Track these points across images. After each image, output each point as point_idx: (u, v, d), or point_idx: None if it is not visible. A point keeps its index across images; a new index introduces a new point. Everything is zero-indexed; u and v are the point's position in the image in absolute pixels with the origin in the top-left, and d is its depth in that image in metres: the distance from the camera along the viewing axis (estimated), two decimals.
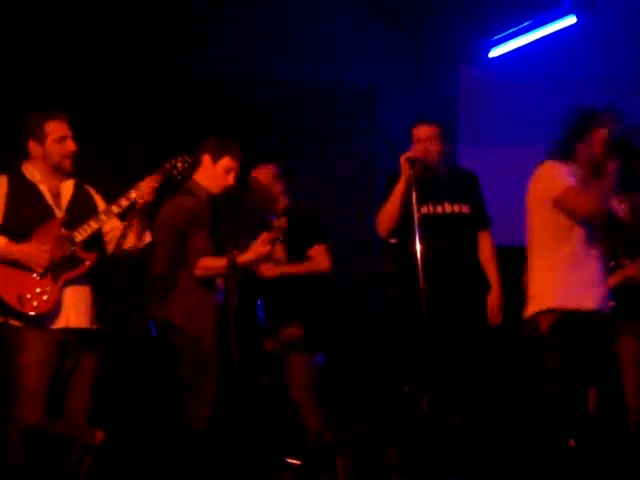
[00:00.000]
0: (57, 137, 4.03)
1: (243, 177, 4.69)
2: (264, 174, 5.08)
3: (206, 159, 4.57)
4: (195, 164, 4.55)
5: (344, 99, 6.64)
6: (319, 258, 4.88)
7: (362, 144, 6.59)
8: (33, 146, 4.06)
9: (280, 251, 4.89)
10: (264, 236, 4.33)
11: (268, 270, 4.85)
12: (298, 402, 4.82)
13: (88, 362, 4.08)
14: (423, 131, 4.63)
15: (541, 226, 3.73)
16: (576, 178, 3.65)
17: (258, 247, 4.34)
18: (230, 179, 4.55)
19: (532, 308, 3.70)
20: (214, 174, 4.55)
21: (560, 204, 3.64)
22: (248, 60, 6.25)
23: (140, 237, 4.15)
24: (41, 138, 4.03)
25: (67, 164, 4.08)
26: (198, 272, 4.42)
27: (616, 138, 3.65)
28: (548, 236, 3.70)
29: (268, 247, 4.33)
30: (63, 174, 4.11)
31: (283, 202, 5.05)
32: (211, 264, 4.41)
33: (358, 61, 6.41)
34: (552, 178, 3.69)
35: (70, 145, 4.07)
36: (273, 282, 4.90)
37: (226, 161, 4.55)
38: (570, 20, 5.99)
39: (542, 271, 3.71)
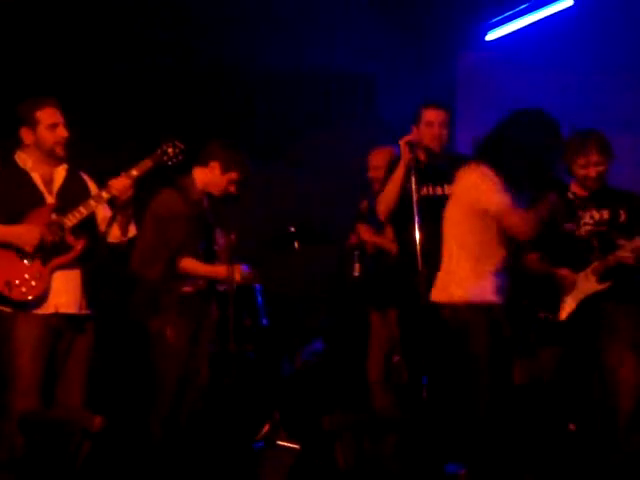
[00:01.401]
0: (49, 124, 4.04)
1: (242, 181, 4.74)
2: (382, 157, 5.10)
3: (215, 166, 4.60)
4: (199, 162, 4.62)
5: (342, 87, 6.63)
6: None
7: (360, 131, 6.58)
8: (26, 134, 4.06)
9: (390, 231, 4.99)
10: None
11: (367, 234, 5.07)
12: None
13: (80, 348, 4.08)
14: (435, 115, 4.61)
15: (470, 226, 3.89)
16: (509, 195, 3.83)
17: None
18: (232, 189, 4.62)
19: (456, 294, 3.90)
20: (219, 181, 4.61)
21: (499, 218, 3.81)
22: (247, 49, 6.24)
23: (125, 230, 4.16)
24: (33, 126, 4.04)
25: (59, 150, 4.09)
26: (180, 270, 4.48)
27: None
28: (473, 235, 3.89)
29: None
30: (56, 160, 4.11)
31: None
32: (194, 269, 4.49)
33: (355, 48, 6.39)
34: (490, 190, 3.82)
35: (62, 131, 4.07)
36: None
37: (234, 175, 4.61)
38: (567, 2, 5.96)
39: (466, 262, 3.89)
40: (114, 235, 4.16)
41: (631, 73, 6.03)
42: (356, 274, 5.10)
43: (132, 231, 4.21)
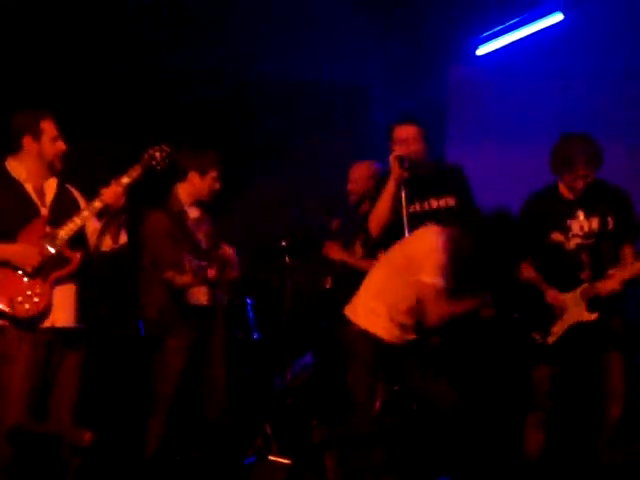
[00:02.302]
0: (52, 136, 4.05)
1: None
2: (361, 170, 5.14)
3: (194, 175, 4.72)
4: (179, 177, 4.73)
5: (335, 98, 6.66)
6: None
7: (352, 143, 6.60)
8: (28, 142, 4.04)
9: (359, 248, 5.06)
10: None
11: (336, 252, 5.12)
12: None
13: (72, 361, 4.05)
14: (403, 132, 4.55)
15: (399, 279, 4.14)
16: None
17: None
18: (217, 185, 4.75)
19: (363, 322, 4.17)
20: (203, 187, 4.73)
21: (425, 293, 4.04)
22: (243, 59, 6.28)
23: (116, 238, 4.15)
24: (37, 135, 4.03)
25: (58, 163, 4.09)
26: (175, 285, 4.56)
27: None
28: (396, 289, 4.13)
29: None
30: (51, 172, 4.11)
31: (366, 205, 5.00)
32: (180, 281, 4.55)
33: (348, 60, 6.43)
34: (437, 266, 4.04)
35: (61, 145, 4.08)
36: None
37: (213, 173, 4.73)
38: (557, 17, 5.99)
39: (382, 305, 4.14)
40: (106, 244, 4.16)
41: (622, 86, 6.04)
42: (327, 286, 5.13)
43: (123, 238, 4.20)
